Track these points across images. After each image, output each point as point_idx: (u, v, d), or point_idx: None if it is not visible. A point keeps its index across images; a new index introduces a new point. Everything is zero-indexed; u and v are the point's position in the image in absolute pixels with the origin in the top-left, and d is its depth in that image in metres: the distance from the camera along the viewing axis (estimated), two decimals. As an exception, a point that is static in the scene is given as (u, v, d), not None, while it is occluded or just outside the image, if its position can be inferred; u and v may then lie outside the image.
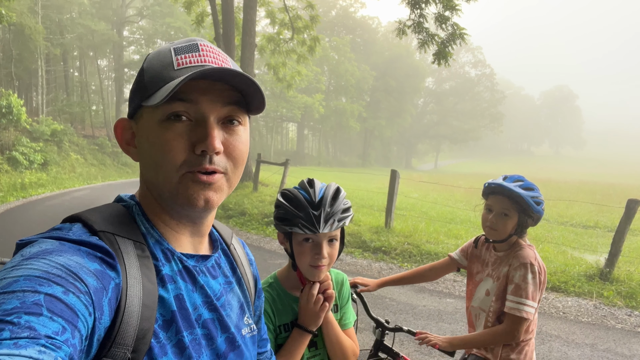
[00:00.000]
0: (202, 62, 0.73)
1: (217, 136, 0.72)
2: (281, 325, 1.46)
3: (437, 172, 56.98)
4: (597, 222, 12.12)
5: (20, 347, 0.45)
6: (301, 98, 45.08)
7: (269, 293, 1.49)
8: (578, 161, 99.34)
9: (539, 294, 1.93)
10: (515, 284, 1.92)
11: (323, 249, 1.38)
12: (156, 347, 0.67)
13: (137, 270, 0.68)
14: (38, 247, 0.61)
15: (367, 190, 17.03)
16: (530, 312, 1.88)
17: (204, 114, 0.72)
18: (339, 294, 1.63)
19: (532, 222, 1.99)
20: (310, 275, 1.42)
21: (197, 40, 0.76)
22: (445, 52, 9.79)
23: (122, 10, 37.73)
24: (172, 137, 0.71)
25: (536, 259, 1.94)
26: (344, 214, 1.40)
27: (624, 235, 5.89)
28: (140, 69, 0.77)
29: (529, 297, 1.88)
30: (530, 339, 2.01)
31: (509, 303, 1.92)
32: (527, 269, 1.91)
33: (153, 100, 0.69)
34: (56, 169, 21.30)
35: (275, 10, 16.40)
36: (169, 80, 0.70)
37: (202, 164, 0.71)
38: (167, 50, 0.75)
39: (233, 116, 0.75)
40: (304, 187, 1.44)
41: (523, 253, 1.95)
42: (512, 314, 1.90)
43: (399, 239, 7.90)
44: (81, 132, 30.19)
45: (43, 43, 26.21)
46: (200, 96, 0.72)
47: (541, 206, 1.96)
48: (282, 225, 1.41)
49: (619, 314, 5.21)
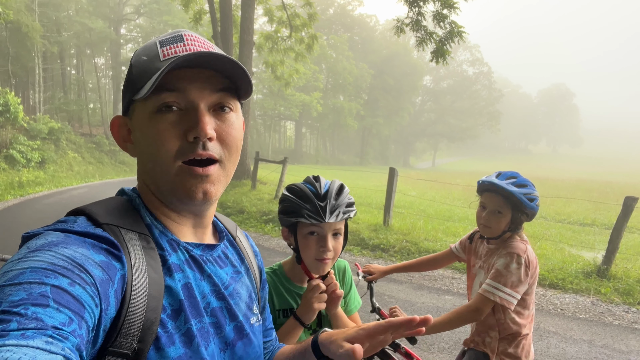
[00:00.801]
0: (187, 51, 0.74)
1: (208, 122, 0.72)
2: (280, 309, 1.48)
3: (435, 170, 57.01)
4: (594, 220, 12.16)
5: (27, 338, 0.45)
6: (299, 96, 45.06)
7: (271, 278, 1.51)
8: (575, 159, 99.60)
9: (524, 287, 1.89)
10: (497, 269, 1.91)
11: (328, 241, 1.40)
12: (164, 337, 0.68)
13: (142, 261, 0.69)
14: (44, 240, 0.61)
15: (366, 188, 17.04)
16: (504, 299, 1.85)
17: (194, 102, 0.73)
18: (342, 282, 1.64)
19: (527, 218, 1.98)
20: (315, 269, 1.43)
21: (181, 31, 0.77)
22: (443, 50, 9.79)
23: (120, 8, 37.63)
24: (164, 127, 0.72)
25: (525, 252, 1.92)
26: (348, 208, 1.43)
27: (621, 233, 5.91)
28: (129, 64, 0.77)
29: (506, 285, 1.86)
30: (527, 334, 2.01)
31: (484, 285, 1.92)
32: (513, 259, 1.89)
33: (141, 92, 0.70)
34: (54, 167, 21.24)
35: (273, 8, 16.36)
36: (155, 71, 0.71)
37: (196, 150, 0.72)
38: (153, 43, 0.76)
39: (223, 103, 0.76)
40: (310, 182, 1.47)
41: (513, 244, 1.95)
42: (482, 294, 1.89)
43: (397, 237, 7.91)
44: (78, 131, 30.12)
45: (40, 41, 26.12)
46: (188, 84, 0.72)
47: (535, 202, 1.94)
48: (288, 217, 1.42)
49: (616, 310, 5.23)
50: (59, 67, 33.31)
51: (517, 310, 1.96)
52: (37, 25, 25.03)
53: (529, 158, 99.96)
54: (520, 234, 2.03)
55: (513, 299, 1.87)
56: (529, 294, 1.97)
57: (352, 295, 1.65)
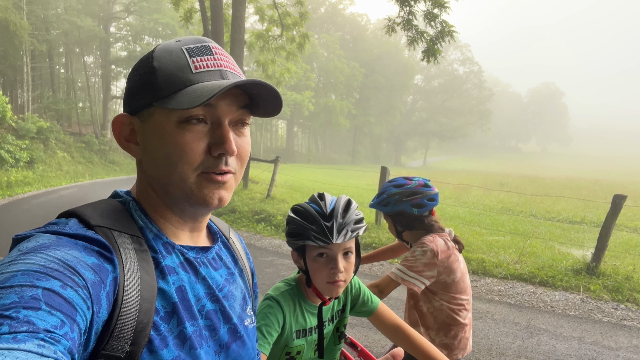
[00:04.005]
0: (219, 66, 0.74)
1: (233, 140, 0.74)
2: (298, 330, 1.43)
3: (426, 168, 57.26)
4: (583, 218, 12.28)
5: (19, 341, 0.45)
6: (290, 95, 45.01)
7: (289, 294, 1.44)
8: (565, 157, 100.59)
9: (431, 272, 1.98)
10: (405, 257, 2.05)
11: (339, 262, 1.34)
12: (156, 339, 0.68)
13: (134, 263, 0.68)
14: (35, 242, 0.60)
15: (357, 187, 17.08)
16: (408, 281, 1.97)
17: (220, 118, 0.74)
18: (351, 296, 1.60)
19: (414, 213, 2.06)
20: (328, 293, 1.38)
21: (206, 41, 0.77)
22: (434, 49, 9.83)
23: (109, 6, 37.23)
24: (190, 139, 0.72)
25: (432, 242, 2.00)
26: (356, 225, 1.37)
27: (610, 230, 5.98)
28: (148, 66, 0.74)
29: (411, 269, 1.97)
30: (463, 324, 2.07)
31: (392, 269, 2.08)
32: (418, 247, 2.01)
33: (178, 104, 0.69)
34: (42, 167, 21.01)
35: (264, 7, 16.31)
36: (189, 83, 0.71)
37: (219, 165, 0.74)
38: (179, 50, 0.74)
39: (243, 119, 0.78)
40: (315, 201, 1.41)
41: (423, 238, 2.06)
42: (388, 275, 2.02)
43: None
44: (68, 130, 29.82)
45: (28, 39, 25.77)
46: (219, 101, 0.73)
47: (397, 204, 2.07)
48: (295, 240, 1.37)
49: (605, 307, 5.30)
50: (48, 65, 32.91)
51: (444, 297, 2.04)
52: (25, 24, 24.70)
53: (518, 156, 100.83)
54: (437, 232, 2.10)
55: (419, 282, 1.97)
56: (453, 281, 2.03)
57: (368, 299, 1.60)
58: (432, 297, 2.06)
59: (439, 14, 9.78)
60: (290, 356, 1.43)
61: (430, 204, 2.07)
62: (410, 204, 2.05)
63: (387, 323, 1.56)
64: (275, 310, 1.37)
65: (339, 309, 1.57)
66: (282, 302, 1.40)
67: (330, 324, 1.53)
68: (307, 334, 1.45)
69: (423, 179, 2.13)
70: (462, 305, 2.07)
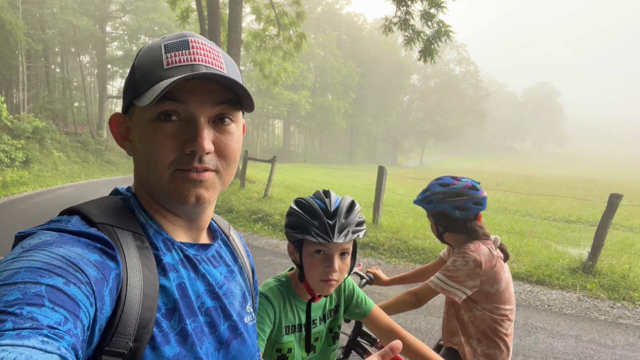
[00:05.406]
0: (192, 60, 0.72)
1: (206, 137, 0.72)
2: (287, 326, 1.43)
3: (422, 168, 57.34)
4: (579, 217, 12.34)
5: (23, 338, 0.45)
6: (287, 95, 44.93)
7: (279, 290, 1.44)
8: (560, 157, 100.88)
9: (472, 282, 1.89)
10: (446, 266, 1.97)
11: (335, 261, 1.33)
12: (159, 336, 0.68)
13: (136, 260, 0.68)
14: (38, 239, 0.61)
15: (354, 186, 17.09)
16: (448, 291, 1.91)
17: (194, 114, 0.72)
18: (349, 295, 1.59)
19: (456, 215, 1.98)
20: (319, 290, 1.38)
21: (188, 36, 0.75)
22: (431, 49, 9.85)
23: (105, 5, 37.08)
24: (161, 136, 0.71)
25: (475, 251, 1.91)
26: (358, 227, 1.36)
27: (606, 229, 6.01)
28: (132, 64, 0.76)
29: (452, 279, 1.91)
30: (506, 334, 1.97)
31: (432, 277, 1.98)
32: (460, 256, 1.93)
33: (142, 101, 0.69)
34: (38, 167, 20.91)
35: (261, 7, 16.29)
36: (159, 80, 0.70)
37: (192, 162, 0.72)
38: (158, 46, 0.74)
39: (224, 114, 0.75)
40: (320, 197, 1.40)
41: (465, 246, 1.97)
42: (427, 283, 1.96)
43: (386, 235, 7.94)
44: (63, 129, 29.69)
45: (24, 39, 25.63)
46: (189, 96, 0.71)
47: (440, 203, 2.00)
48: (294, 233, 1.36)
49: (601, 306, 5.32)
50: (44, 65, 32.73)
51: (487, 307, 1.95)
52: (20, 23, 24.58)
53: (514, 156, 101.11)
54: (481, 238, 2.00)
55: (460, 292, 1.90)
56: (497, 291, 1.93)
57: (362, 301, 1.59)
58: (474, 306, 1.96)
59: (435, 13, 9.81)
60: (282, 354, 1.43)
61: (476, 208, 1.96)
62: (452, 205, 1.96)
63: (381, 326, 1.55)
64: (266, 306, 1.37)
65: (330, 308, 1.56)
66: (271, 297, 1.40)
67: (322, 323, 1.53)
68: (297, 330, 1.45)
69: (472, 180, 2.02)
70: (506, 316, 1.97)
